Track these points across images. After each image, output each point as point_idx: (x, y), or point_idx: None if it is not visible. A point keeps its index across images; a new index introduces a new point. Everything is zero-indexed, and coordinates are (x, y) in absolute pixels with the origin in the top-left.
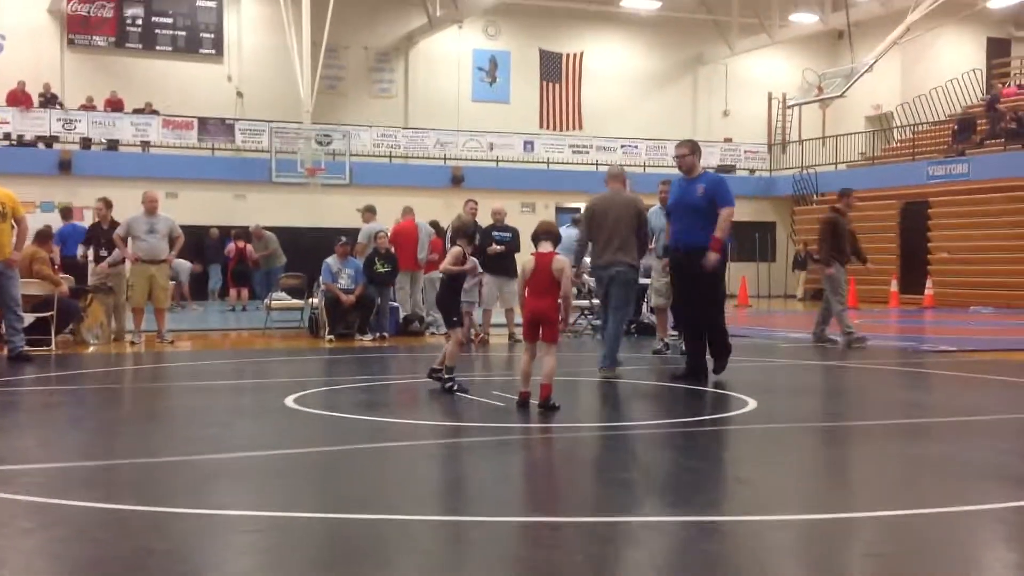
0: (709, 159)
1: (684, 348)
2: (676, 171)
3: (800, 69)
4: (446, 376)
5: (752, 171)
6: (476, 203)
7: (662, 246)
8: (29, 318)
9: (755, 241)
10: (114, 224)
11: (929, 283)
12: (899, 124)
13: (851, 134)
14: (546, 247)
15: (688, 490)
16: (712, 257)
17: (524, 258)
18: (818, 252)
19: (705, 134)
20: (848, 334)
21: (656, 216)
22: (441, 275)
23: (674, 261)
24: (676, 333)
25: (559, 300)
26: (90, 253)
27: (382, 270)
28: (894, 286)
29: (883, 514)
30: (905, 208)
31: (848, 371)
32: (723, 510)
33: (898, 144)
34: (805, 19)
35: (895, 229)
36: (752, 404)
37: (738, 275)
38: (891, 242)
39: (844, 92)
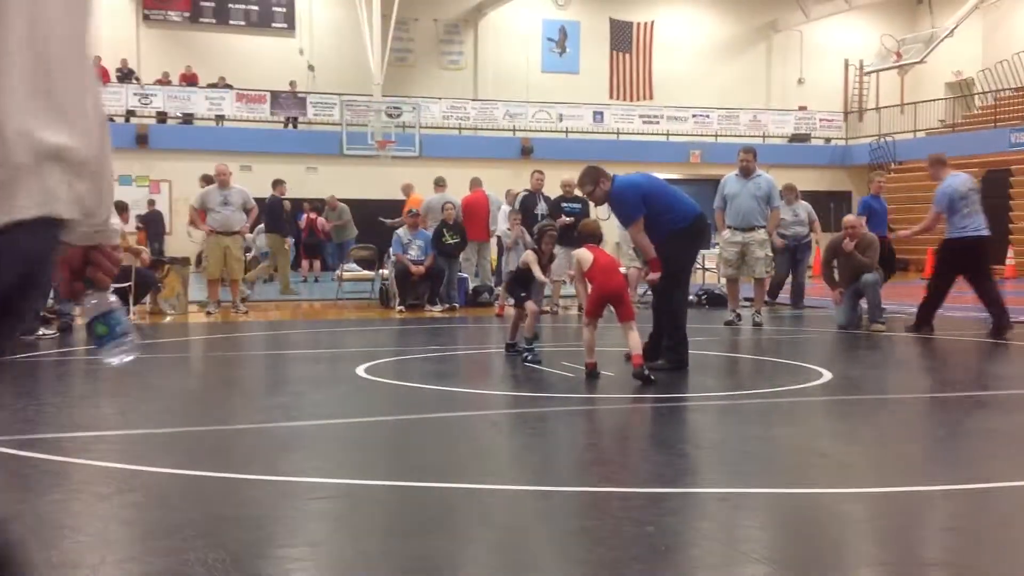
0: (783, 128)
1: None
2: (748, 139)
3: (878, 35)
4: (524, 347)
5: (828, 140)
6: (542, 174)
7: (733, 215)
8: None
9: (830, 210)
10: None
11: (1011, 253)
12: (980, 90)
13: (931, 101)
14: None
15: (761, 461)
16: (653, 277)
17: (579, 253)
18: None
19: (779, 102)
20: None
21: (731, 184)
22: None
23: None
24: (748, 303)
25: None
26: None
27: (451, 241)
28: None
29: (962, 487)
30: (986, 176)
31: (925, 342)
32: (798, 482)
33: (979, 111)
34: None
35: None
36: (827, 375)
37: (813, 245)
38: None
39: (924, 58)
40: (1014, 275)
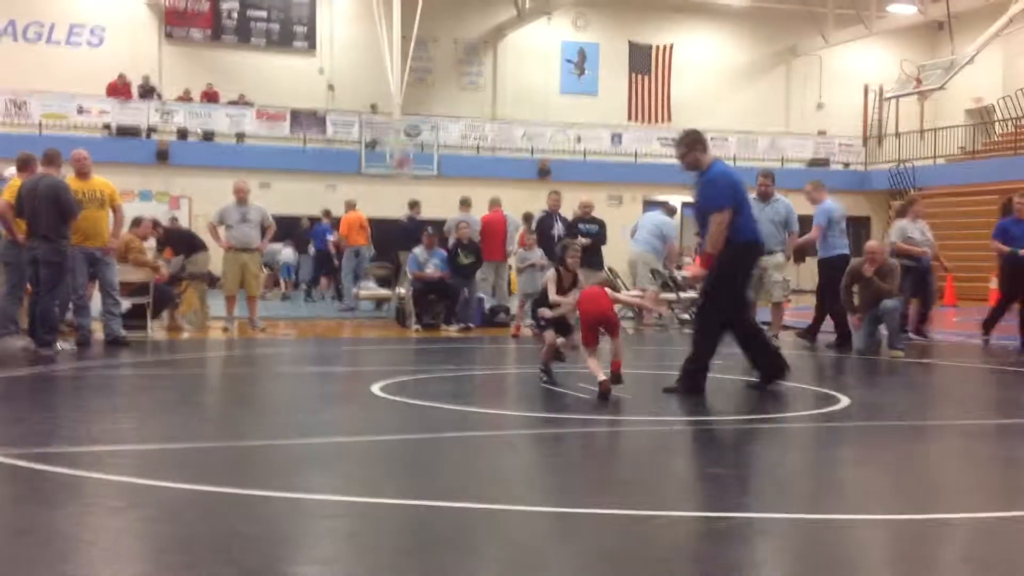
0: (802, 152)
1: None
2: (766, 164)
3: (898, 60)
4: (541, 368)
5: (846, 164)
6: (559, 194)
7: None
8: (126, 304)
9: (849, 236)
10: (167, 235)
11: None
12: (1001, 118)
13: (950, 127)
14: None
15: (778, 486)
16: (695, 271)
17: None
18: None
19: (798, 127)
20: None
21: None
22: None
23: None
24: (766, 326)
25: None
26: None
27: (465, 261)
28: (994, 284)
29: (981, 515)
30: (1006, 204)
31: (944, 369)
32: (816, 507)
33: (1000, 138)
34: (903, 10)
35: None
36: (844, 401)
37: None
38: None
39: (944, 84)
40: None
